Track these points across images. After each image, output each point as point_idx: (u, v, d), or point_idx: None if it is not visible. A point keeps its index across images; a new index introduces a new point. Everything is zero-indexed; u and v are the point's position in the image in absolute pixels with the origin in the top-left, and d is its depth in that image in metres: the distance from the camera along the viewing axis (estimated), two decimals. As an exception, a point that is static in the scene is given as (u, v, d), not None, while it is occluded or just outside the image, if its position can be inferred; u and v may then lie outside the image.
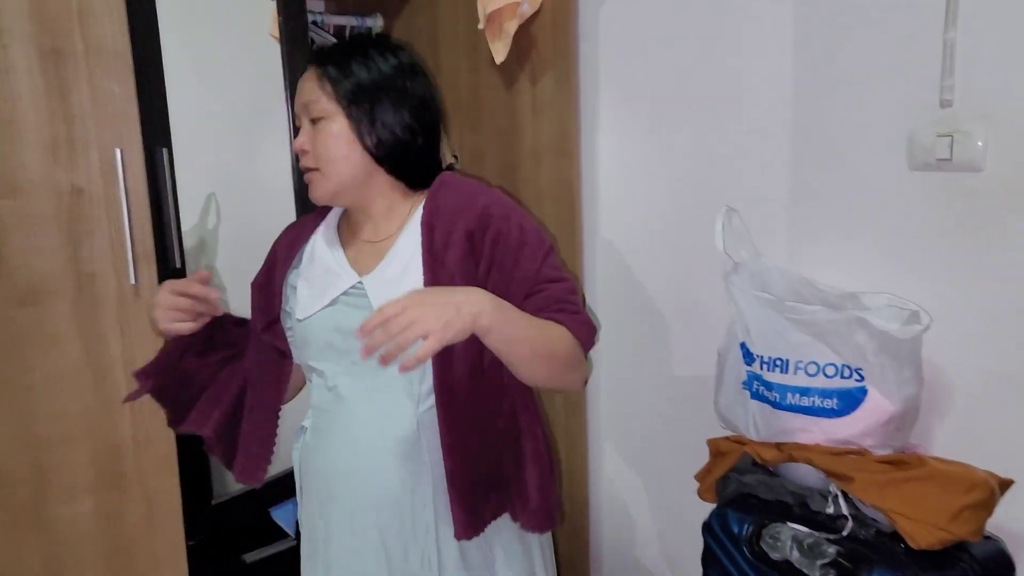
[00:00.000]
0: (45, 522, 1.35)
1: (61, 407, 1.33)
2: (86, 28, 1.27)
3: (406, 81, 1.25)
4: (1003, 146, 1.20)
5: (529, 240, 1.23)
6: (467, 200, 1.23)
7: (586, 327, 1.23)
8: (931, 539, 1.12)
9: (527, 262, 1.22)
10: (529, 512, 1.29)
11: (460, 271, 1.19)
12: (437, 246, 1.20)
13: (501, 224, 1.22)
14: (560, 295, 1.23)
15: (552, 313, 1.21)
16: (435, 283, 1.19)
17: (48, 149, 1.27)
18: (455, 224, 1.21)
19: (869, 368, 1.25)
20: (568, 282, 1.25)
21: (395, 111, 1.23)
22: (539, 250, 1.24)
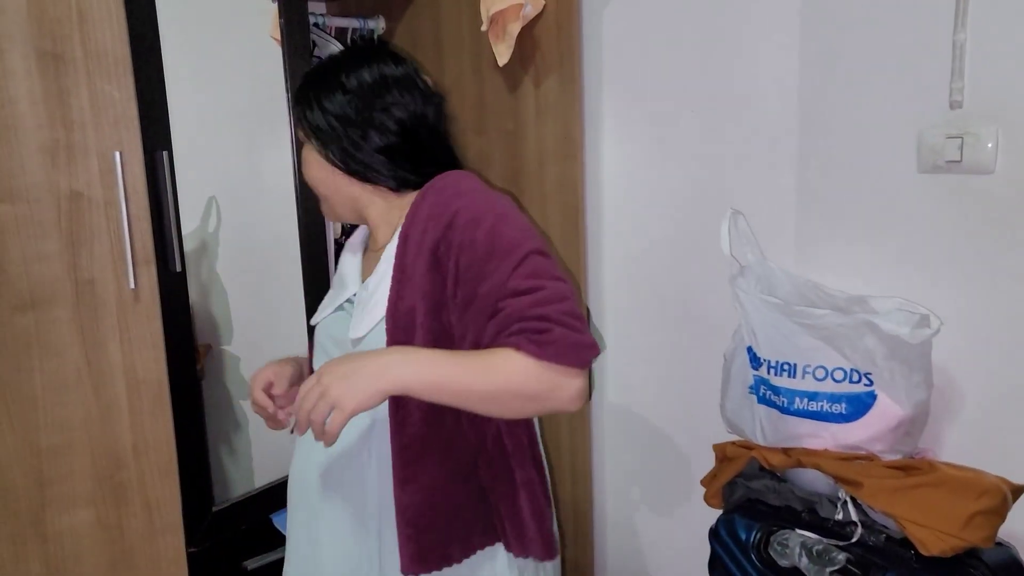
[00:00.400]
0: (46, 532, 1.33)
1: (62, 415, 1.32)
2: (86, 32, 1.26)
3: (376, 89, 1.17)
4: (1013, 147, 1.18)
5: (499, 247, 1.08)
6: (440, 207, 1.12)
7: (554, 345, 1.03)
8: (942, 546, 1.11)
9: (494, 274, 1.07)
10: (527, 540, 1.18)
11: (427, 288, 1.10)
12: (408, 260, 1.12)
13: (467, 233, 1.09)
14: (524, 310, 1.05)
15: (508, 337, 1.05)
16: (399, 299, 1.11)
17: (47, 153, 1.25)
18: (425, 235, 1.11)
19: (878, 373, 1.24)
20: (543, 291, 1.06)
21: (365, 123, 1.17)
22: (510, 258, 1.07)
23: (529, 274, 1.07)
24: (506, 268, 1.06)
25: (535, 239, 1.12)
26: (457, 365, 1.04)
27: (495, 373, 1.04)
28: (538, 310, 1.05)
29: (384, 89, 1.18)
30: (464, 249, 1.08)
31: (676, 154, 1.64)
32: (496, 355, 1.05)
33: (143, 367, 1.37)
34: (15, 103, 1.22)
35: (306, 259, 1.82)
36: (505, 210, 1.13)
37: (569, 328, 1.04)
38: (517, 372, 1.04)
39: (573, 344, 1.04)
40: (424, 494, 1.12)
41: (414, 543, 1.12)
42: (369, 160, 1.17)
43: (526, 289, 1.06)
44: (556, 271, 1.10)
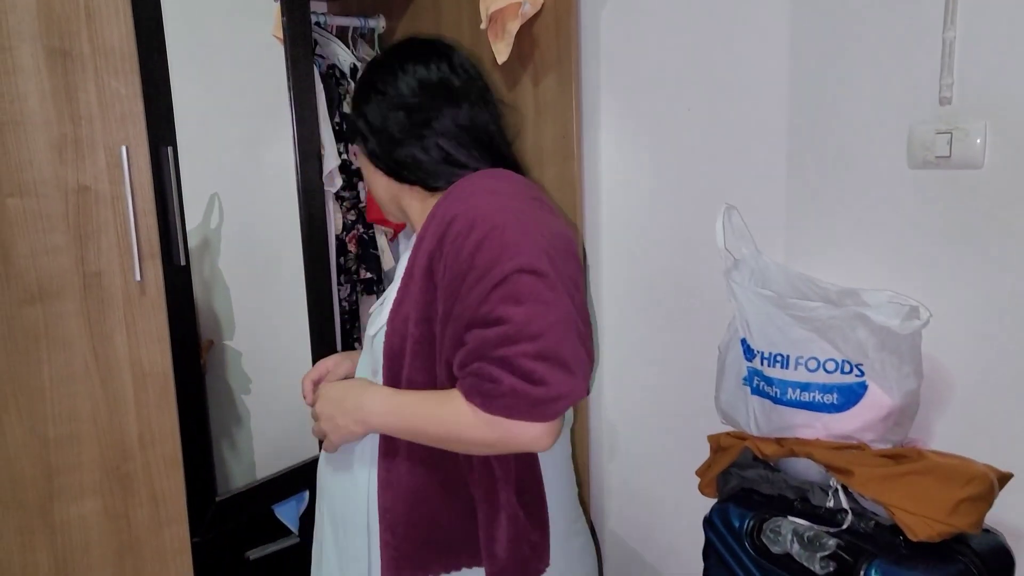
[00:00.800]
0: (54, 522, 1.35)
1: (69, 407, 1.34)
2: (93, 29, 1.28)
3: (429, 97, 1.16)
4: (1002, 143, 1.21)
5: (480, 263, 1.00)
6: (448, 209, 1.07)
7: (502, 400, 0.98)
8: (930, 532, 1.13)
9: (469, 294, 1.01)
10: (497, 567, 1.10)
11: (419, 296, 1.07)
12: (416, 263, 1.09)
13: (456, 242, 1.03)
14: (485, 348, 0.99)
15: (464, 379, 1.02)
16: (401, 305, 1.10)
17: (55, 148, 1.28)
18: (429, 239, 1.08)
19: (869, 364, 1.26)
20: (510, 325, 0.98)
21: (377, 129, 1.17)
22: (488, 277, 0.99)
23: (505, 298, 0.99)
24: (481, 289, 1.00)
25: (527, 253, 1.01)
26: (414, 415, 1.06)
27: (445, 422, 1.04)
28: (500, 351, 0.98)
29: (427, 94, 1.16)
30: (449, 259, 1.03)
31: (673, 152, 1.66)
32: (448, 403, 1.04)
33: (149, 360, 1.40)
34: (24, 99, 1.24)
35: (308, 255, 1.85)
36: (506, 220, 1.03)
37: (526, 379, 0.98)
38: (465, 423, 1.02)
39: (525, 400, 0.98)
40: (406, 500, 1.10)
41: (392, 548, 1.10)
42: (402, 158, 1.16)
43: (495, 319, 0.99)
44: (545, 294, 1.00)
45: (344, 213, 2.04)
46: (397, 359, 1.10)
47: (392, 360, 1.10)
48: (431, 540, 1.11)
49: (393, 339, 1.10)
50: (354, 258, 2.08)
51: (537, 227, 1.05)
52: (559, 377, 0.99)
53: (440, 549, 1.12)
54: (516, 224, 1.03)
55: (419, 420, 1.06)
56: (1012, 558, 1.21)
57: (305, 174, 1.80)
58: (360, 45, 2.20)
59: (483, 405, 1.00)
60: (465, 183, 1.11)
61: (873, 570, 1.14)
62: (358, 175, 2.05)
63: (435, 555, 1.11)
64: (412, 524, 1.10)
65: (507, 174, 1.14)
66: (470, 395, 1.01)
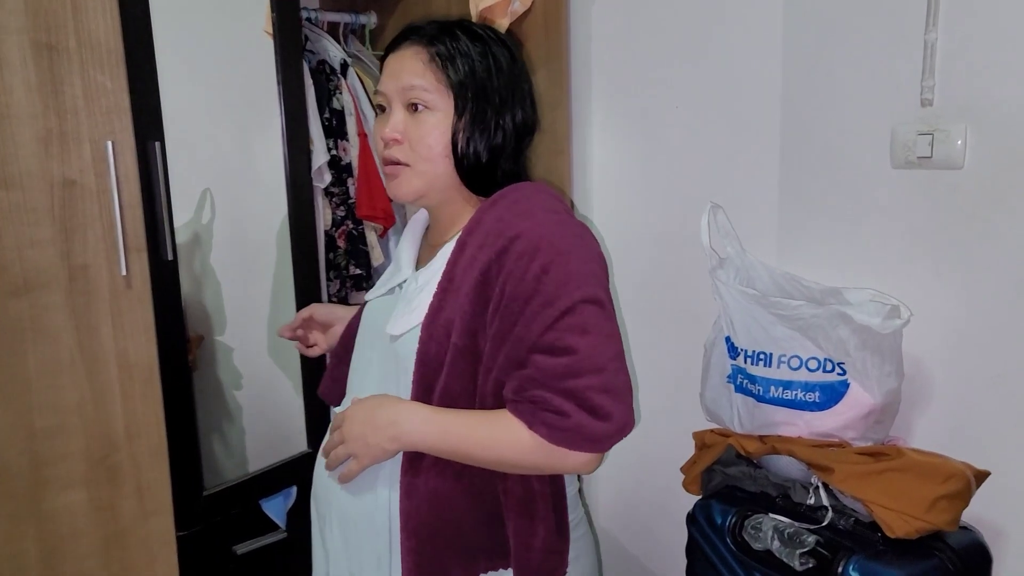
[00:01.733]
0: (40, 513, 1.36)
1: (55, 399, 1.34)
2: (79, 23, 1.28)
3: (516, 79, 1.11)
4: (982, 144, 1.22)
5: (544, 291, 0.99)
6: (505, 224, 1.04)
7: (566, 433, 0.99)
8: (907, 528, 1.14)
9: (534, 320, 0.99)
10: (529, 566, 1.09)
11: (468, 307, 1.04)
12: (458, 270, 1.06)
13: (518, 263, 1.00)
14: (551, 379, 0.99)
15: (525, 405, 1.00)
16: (439, 311, 1.06)
17: (41, 142, 1.28)
18: (481, 250, 1.04)
19: (851, 362, 1.27)
20: (577, 356, 0.98)
21: (500, 112, 1.09)
22: (554, 305, 0.99)
23: (570, 328, 0.99)
24: (547, 316, 0.99)
25: (591, 284, 1.02)
26: (463, 437, 1.03)
27: (499, 447, 1.02)
28: (567, 383, 0.98)
29: (524, 82, 1.13)
30: (511, 279, 1.01)
31: (662, 149, 1.67)
32: (502, 425, 1.02)
33: (135, 352, 1.40)
34: (10, 92, 1.24)
35: (297, 251, 1.85)
36: (569, 245, 1.02)
37: (593, 413, 0.99)
38: (522, 448, 1.01)
39: (588, 435, 0.99)
40: (430, 505, 1.07)
41: (415, 553, 1.07)
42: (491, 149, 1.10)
43: (562, 348, 0.99)
44: (606, 325, 1.02)
45: (333, 209, 2.05)
46: (432, 366, 1.06)
47: (426, 366, 1.06)
48: (453, 545, 1.09)
49: (429, 345, 1.06)
50: (343, 254, 2.08)
51: (591, 251, 1.06)
52: (620, 410, 1.00)
53: (462, 554, 1.09)
54: (578, 251, 1.04)
55: (468, 443, 1.03)
56: (989, 555, 1.22)
57: (294, 169, 1.81)
58: (351, 41, 2.20)
59: (548, 436, 1.00)
60: (518, 195, 1.09)
61: (851, 566, 1.15)
62: (347, 171, 2.06)
63: (456, 559, 1.09)
64: (435, 529, 1.07)
65: (549, 189, 1.13)
66: (533, 424, 1.00)
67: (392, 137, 1.08)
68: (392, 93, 1.09)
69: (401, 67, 1.08)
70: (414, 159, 1.08)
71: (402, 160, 1.09)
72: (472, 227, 1.07)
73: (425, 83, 1.06)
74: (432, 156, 1.08)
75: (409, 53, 1.09)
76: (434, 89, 1.07)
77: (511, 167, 1.13)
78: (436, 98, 1.07)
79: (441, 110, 1.07)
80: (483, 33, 1.12)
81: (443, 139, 1.08)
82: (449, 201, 1.13)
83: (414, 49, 1.08)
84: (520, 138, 1.13)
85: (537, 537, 1.08)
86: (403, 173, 1.09)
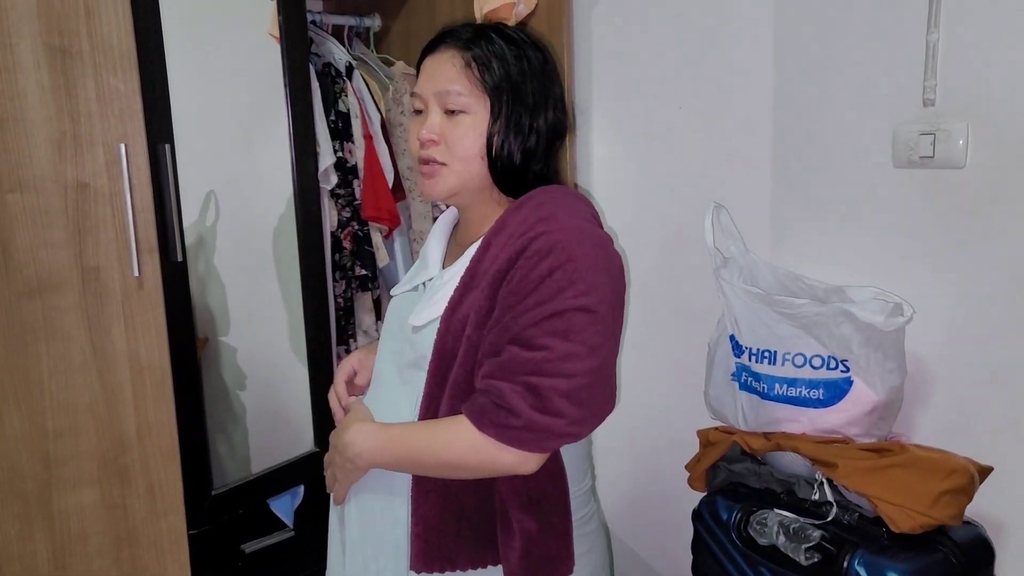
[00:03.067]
0: (52, 512, 1.37)
1: (68, 399, 1.36)
2: (92, 27, 1.30)
3: (549, 82, 1.15)
4: (983, 143, 1.23)
5: (543, 291, 1.02)
6: (528, 225, 1.07)
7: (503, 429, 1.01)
8: (911, 523, 1.15)
9: (521, 314, 1.02)
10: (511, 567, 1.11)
11: (483, 302, 1.07)
12: (481, 268, 1.09)
13: (529, 261, 1.04)
14: (513, 365, 1.02)
15: (474, 402, 1.04)
16: (458, 305, 1.09)
17: (55, 145, 1.29)
18: (504, 249, 1.07)
19: (854, 359, 1.29)
20: (547, 352, 1.00)
21: (534, 114, 1.12)
22: (544, 305, 1.01)
23: (553, 331, 1.01)
24: (536, 314, 1.02)
25: (592, 294, 1.03)
26: (408, 445, 1.08)
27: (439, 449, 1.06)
28: (531, 378, 1.01)
29: (556, 85, 1.16)
30: (517, 275, 1.04)
31: (663, 150, 1.69)
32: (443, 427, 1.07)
33: (146, 353, 1.41)
34: (24, 96, 1.26)
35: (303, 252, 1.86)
36: (582, 253, 1.04)
37: (546, 412, 1.01)
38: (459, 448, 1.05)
39: (536, 433, 1.02)
40: (438, 495, 1.11)
41: (422, 540, 1.10)
42: (525, 152, 1.13)
43: (538, 346, 1.01)
44: (593, 337, 1.02)
45: (339, 210, 2.06)
46: (447, 359, 1.09)
47: (441, 358, 1.09)
48: (461, 535, 1.11)
49: (447, 338, 1.09)
50: (349, 255, 2.10)
51: (606, 262, 1.07)
52: (576, 414, 1.02)
53: (468, 544, 1.12)
54: (591, 260, 1.04)
55: (413, 450, 1.09)
56: (992, 550, 1.23)
57: (301, 172, 1.82)
58: (355, 43, 2.21)
59: (497, 435, 1.03)
60: (545, 198, 1.11)
61: (856, 560, 1.17)
62: (353, 173, 2.07)
63: (462, 550, 1.12)
64: (442, 519, 1.10)
65: (577, 194, 1.16)
66: (482, 425, 1.03)
67: (429, 138, 1.11)
68: (429, 95, 1.12)
69: (438, 70, 1.11)
70: (450, 159, 1.11)
71: (439, 160, 1.12)
72: (498, 227, 1.10)
73: (461, 87, 1.10)
74: (468, 157, 1.11)
75: (446, 57, 1.11)
76: (469, 93, 1.10)
77: (541, 169, 1.16)
78: (472, 101, 1.10)
79: (477, 113, 1.10)
80: (517, 36, 1.14)
81: (479, 141, 1.11)
82: (480, 201, 1.16)
83: (450, 53, 1.11)
84: (551, 141, 1.16)
85: (514, 540, 1.10)
86: (440, 172, 1.12)
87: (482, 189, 1.15)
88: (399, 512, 1.14)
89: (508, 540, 1.10)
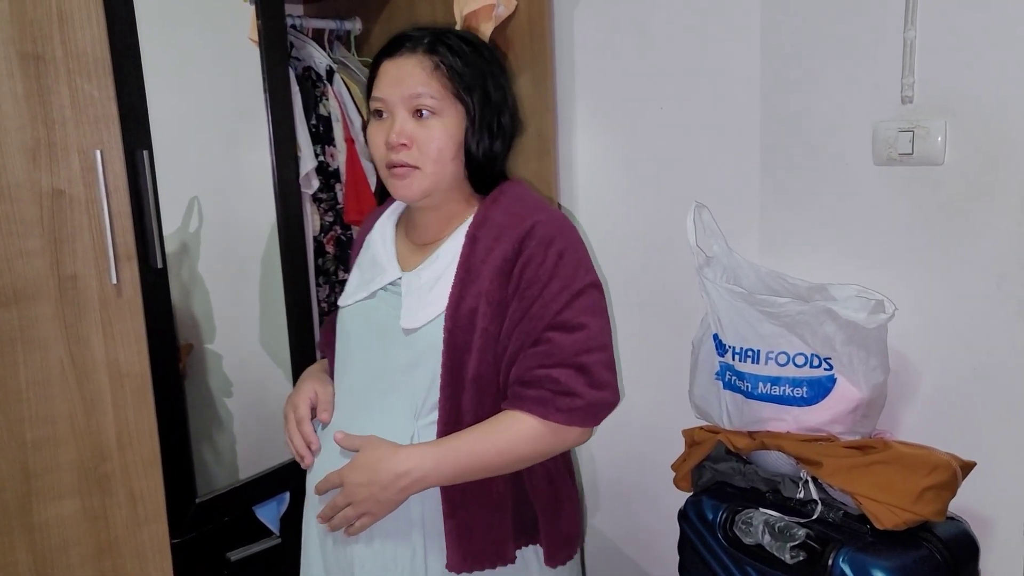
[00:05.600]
0: (33, 524, 1.35)
1: (46, 409, 1.34)
2: (66, 33, 1.29)
3: (506, 80, 1.20)
4: (961, 140, 1.24)
5: (562, 273, 1.11)
6: (518, 217, 1.14)
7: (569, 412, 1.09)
8: (895, 520, 1.16)
9: (552, 301, 1.10)
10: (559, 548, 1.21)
11: (494, 294, 1.12)
12: (475, 261, 1.14)
13: (537, 249, 1.11)
14: (567, 353, 1.09)
15: (526, 395, 1.10)
16: (461, 298, 1.12)
17: (29, 153, 1.28)
18: (498, 241, 1.13)
19: (837, 357, 1.29)
20: (588, 331, 1.10)
21: (501, 111, 1.18)
22: (568, 288, 1.10)
23: (583, 309, 1.11)
24: (563, 297, 1.10)
25: (593, 270, 1.16)
26: (477, 455, 1.10)
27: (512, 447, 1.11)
28: (581, 358, 1.10)
29: (510, 83, 1.23)
30: (530, 264, 1.11)
31: (646, 150, 1.69)
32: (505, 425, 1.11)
33: (126, 361, 1.40)
34: (-3, 103, 1.25)
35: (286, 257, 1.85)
36: (575, 237, 1.17)
37: (599, 387, 1.11)
38: (532, 439, 1.11)
39: (596, 407, 1.12)
40: (475, 494, 1.14)
41: (462, 539, 1.14)
42: (496, 149, 1.19)
43: (575, 325, 1.10)
44: (605, 308, 1.16)
45: (322, 215, 2.05)
46: (459, 352, 1.12)
47: (454, 353, 1.12)
48: (495, 527, 1.16)
49: (456, 333, 1.12)
50: (332, 259, 2.09)
51: (583, 241, 1.18)
52: (615, 383, 1.14)
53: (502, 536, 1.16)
54: (579, 240, 1.17)
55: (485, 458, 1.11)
56: (976, 545, 1.24)
57: (282, 176, 1.81)
58: (336, 47, 2.21)
59: (566, 420, 1.10)
60: (517, 192, 1.20)
61: (841, 558, 1.17)
62: (335, 176, 2.06)
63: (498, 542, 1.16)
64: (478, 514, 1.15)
65: (530, 187, 1.25)
66: (548, 414, 1.09)
67: (401, 143, 1.13)
68: (395, 100, 1.14)
69: (405, 75, 1.13)
70: (423, 162, 1.14)
71: (411, 163, 1.14)
72: (481, 221, 1.16)
73: (431, 90, 1.13)
74: (441, 159, 1.14)
75: (413, 61, 1.14)
76: (440, 96, 1.13)
77: (503, 166, 1.23)
78: (442, 104, 1.13)
79: (447, 115, 1.14)
80: (471, 38, 1.19)
81: (451, 142, 1.14)
82: (448, 200, 1.20)
83: (417, 57, 1.14)
84: (512, 137, 1.23)
85: (563, 515, 1.21)
86: (414, 175, 1.14)
87: (451, 189, 1.19)
88: (415, 515, 1.16)
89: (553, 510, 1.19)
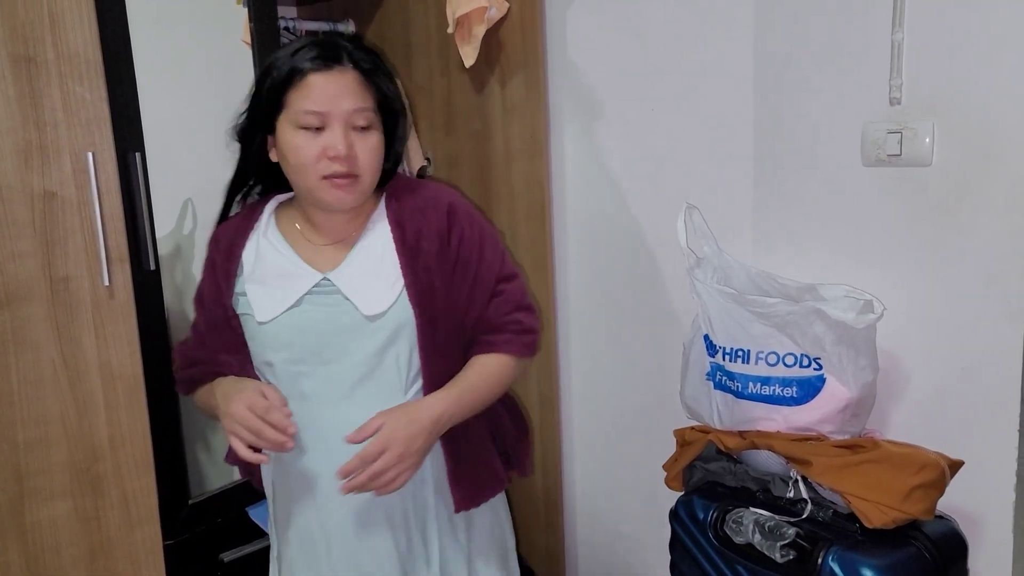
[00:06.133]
0: (25, 525, 1.36)
1: (38, 410, 1.34)
2: (58, 36, 1.29)
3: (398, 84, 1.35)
4: (949, 141, 1.25)
5: (487, 238, 1.32)
6: (430, 199, 1.31)
7: (530, 346, 1.34)
8: (884, 518, 1.16)
9: (490, 260, 1.31)
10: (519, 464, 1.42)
11: (436, 265, 1.26)
12: (410, 240, 1.27)
13: (464, 222, 1.30)
14: (517, 297, 1.33)
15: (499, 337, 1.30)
16: (415, 273, 1.25)
17: (20, 155, 1.28)
18: (424, 221, 1.28)
19: (827, 357, 1.30)
20: (520, 277, 1.35)
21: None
22: (495, 248, 1.33)
23: (509, 260, 1.35)
24: (497, 256, 1.32)
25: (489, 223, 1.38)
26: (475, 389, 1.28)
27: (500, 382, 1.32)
28: (525, 299, 1.34)
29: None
30: (464, 239, 1.29)
31: (638, 151, 1.69)
32: (491, 365, 1.30)
33: (118, 362, 1.40)
34: (-11, 106, 1.25)
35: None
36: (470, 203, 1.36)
37: (538, 319, 1.36)
38: (511, 374, 1.33)
39: (535, 338, 1.36)
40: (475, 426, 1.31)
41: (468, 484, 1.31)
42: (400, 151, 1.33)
43: (512, 274, 1.34)
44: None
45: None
46: (431, 320, 1.26)
47: (428, 322, 1.25)
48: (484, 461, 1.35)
49: (422, 300, 1.24)
50: (326, 260, 2.09)
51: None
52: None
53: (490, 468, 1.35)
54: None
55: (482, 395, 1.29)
56: (965, 543, 1.24)
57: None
58: (330, 49, 2.21)
59: (530, 352, 1.34)
60: (409, 181, 1.37)
61: (830, 557, 1.17)
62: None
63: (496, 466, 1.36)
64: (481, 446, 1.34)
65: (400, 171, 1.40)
66: (523, 352, 1.32)
67: (343, 155, 1.18)
68: (336, 114, 1.18)
69: (341, 90, 1.19)
70: (362, 171, 1.22)
71: (353, 173, 1.21)
72: (398, 210, 1.29)
73: (366, 104, 1.21)
74: (376, 168, 1.24)
75: (348, 77, 1.20)
76: (372, 109, 1.22)
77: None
78: (375, 117, 1.22)
79: (376, 127, 1.23)
80: (377, 49, 1.30)
81: (381, 151, 1.24)
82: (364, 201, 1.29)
83: (351, 73, 1.20)
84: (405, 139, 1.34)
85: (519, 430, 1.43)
86: (355, 184, 1.22)
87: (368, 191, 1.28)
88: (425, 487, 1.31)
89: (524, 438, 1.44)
